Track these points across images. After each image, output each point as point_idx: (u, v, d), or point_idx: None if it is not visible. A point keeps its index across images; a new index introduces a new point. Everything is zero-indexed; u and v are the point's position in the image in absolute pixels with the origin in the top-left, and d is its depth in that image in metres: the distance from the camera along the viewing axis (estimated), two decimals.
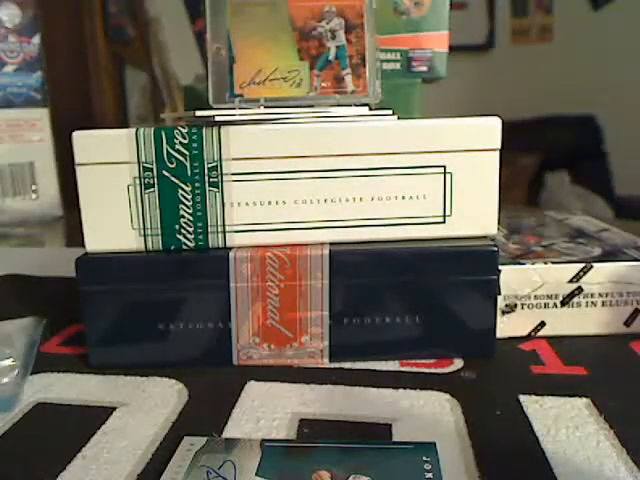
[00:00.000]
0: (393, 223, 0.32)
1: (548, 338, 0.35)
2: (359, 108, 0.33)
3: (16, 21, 0.73)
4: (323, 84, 0.34)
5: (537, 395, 0.29)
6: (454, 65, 0.52)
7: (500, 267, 0.33)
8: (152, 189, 0.31)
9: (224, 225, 0.32)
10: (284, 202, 0.32)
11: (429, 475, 0.22)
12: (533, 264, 0.35)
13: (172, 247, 0.32)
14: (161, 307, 0.32)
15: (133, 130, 0.30)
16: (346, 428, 0.27)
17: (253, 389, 0.30)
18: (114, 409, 0.29)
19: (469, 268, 0.32)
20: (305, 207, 0.32)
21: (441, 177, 0.32)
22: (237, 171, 0.31)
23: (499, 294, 0.34)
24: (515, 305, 0.35)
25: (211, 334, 0.32)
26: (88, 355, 0.33)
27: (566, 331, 0.36)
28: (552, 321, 0.35)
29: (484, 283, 0.32)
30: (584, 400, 0.29)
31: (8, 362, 0.30)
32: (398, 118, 0.32)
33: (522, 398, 0.29)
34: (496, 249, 0.32)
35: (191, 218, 0.31)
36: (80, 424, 0.27)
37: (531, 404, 0.28)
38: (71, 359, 0.34)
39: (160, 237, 0.32)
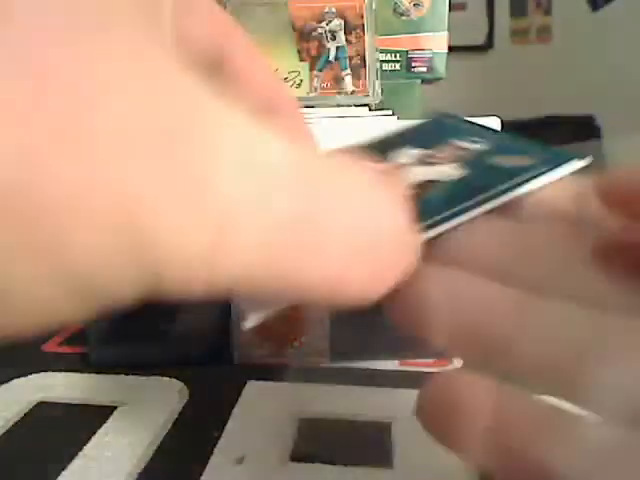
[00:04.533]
0: None
1: None
2: (359, 108, 0.33)
3: None
4: (323, 85, 0.34)
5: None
6: (453, 66, 0.52)
7: None
8: None
9: None
10: None
11: None
12: None
13: None
14: (161, 306, 0.32)
15: None
16: (346, 428, 0.27)
17: (253, 389, 0.30)
18: (114, 408, 0.29)
19: None
20: None
21: None
22: None
23: None
24: None
25: (211, 333, 0.32)
26: (89, 354, 0.33)
27: None
28: None
29: None
30: None
31: None
32: (398, 118, 0.32)
33: None
34: None
35: None
36: (81, 423, 0.27)
37: None
38: (72, 358, 0.34)
39: None
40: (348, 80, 0.34)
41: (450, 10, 0.49)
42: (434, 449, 0.25)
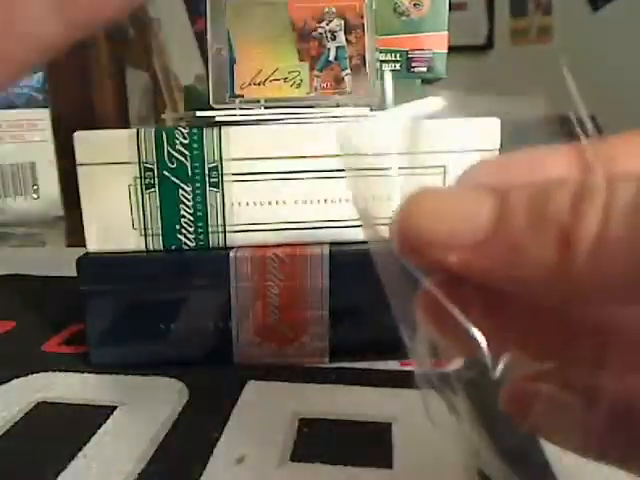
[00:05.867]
0: None
1: None
2: (359, 108, 0.33)
3: None
4: (323, 85, 0.34)
5: None
6: (454, 66, 0.52)
7: None
8: (153, 189, 0.31)
9: (224, 225, 0.32)
10: (284, 202, 0.32)
11: None
12: None
13: (172, 247, 0.32)
14: (161, 307, 0.32)
15: (134, 130, 0.30)
16: (346, 428, 0.27)
17: (253, 388, 0.30)
18: (114, 409, 0.29)
19: None
20: (305, 207, 0.32)
21: (441, 177, 0.32)
22: (237, 171, 0.31)
23: None
24: None
25: (211, 334, 0.32)
26: (89, 354, 0.33)
27: None
28: None
29: None
30: None
31: None
32: None
33: None
34: None
35: (192, 218, 0.31)
36: (80, 423, 0.27)
37: None
38: (72, 358, 0.34)
39: (160, 237, 0.32)
40: (348, 80, 0.34)
41: (450, 10, 0.49)
42: (434, 449, 0.25)
